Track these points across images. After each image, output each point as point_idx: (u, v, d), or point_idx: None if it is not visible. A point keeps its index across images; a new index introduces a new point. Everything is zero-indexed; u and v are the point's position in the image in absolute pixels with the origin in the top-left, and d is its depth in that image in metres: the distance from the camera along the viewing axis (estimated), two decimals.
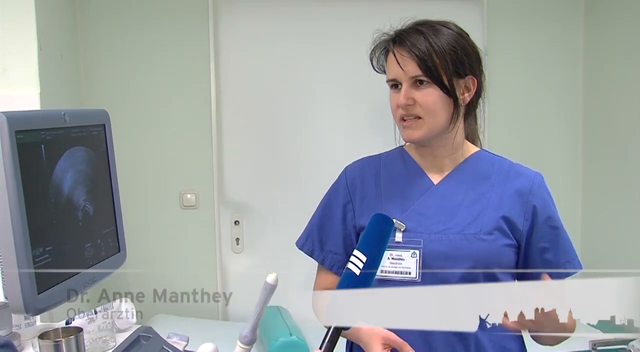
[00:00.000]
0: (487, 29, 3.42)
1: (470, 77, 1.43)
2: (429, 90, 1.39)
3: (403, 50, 1.40)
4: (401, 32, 1.44)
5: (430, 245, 1.41)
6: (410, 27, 1.44)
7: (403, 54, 1.40)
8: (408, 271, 1.41)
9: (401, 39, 1.41)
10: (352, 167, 1.58)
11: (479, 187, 1.46)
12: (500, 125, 3.45)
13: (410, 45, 1.39)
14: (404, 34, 1.42)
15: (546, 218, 1.44)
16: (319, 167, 3.33)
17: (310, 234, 1.57)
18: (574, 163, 3.62)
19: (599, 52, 3.46)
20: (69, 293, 1.17)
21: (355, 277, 0.98)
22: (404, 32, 1.43)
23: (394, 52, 1.42)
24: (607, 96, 3.41)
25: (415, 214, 1.45)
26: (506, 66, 3.47)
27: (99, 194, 1.34)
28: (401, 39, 1.41)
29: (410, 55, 1.39)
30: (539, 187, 1.46)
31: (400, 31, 1.44)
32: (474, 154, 1.52)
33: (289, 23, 3.34)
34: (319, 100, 3.39)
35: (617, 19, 3.32)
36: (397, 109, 1.43)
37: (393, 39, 1.44)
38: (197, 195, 3.33)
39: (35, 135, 1.11)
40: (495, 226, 1.41)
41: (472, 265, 1.38)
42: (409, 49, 1.39)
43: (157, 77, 3.25)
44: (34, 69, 2.35)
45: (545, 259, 1.44)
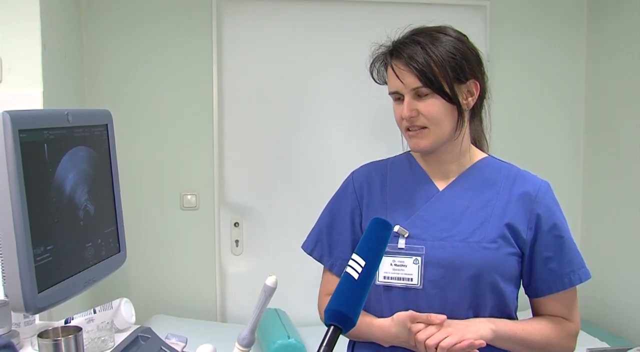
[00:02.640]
0: (490, 35, 3.43)
1: (472, 81, 1.42)
2: (431, 101, 1.38)
3: (401, 63, 1.39)
4: (398, 44, 1.42)
5: (432, 252, 1.41)
6: (407, 38, 1.42)
7: (401, 67, 1.39)
8: (410, 277, 1.41)
9: (398, 52, 1.40)
10: (359, 172, 1.58)
11: (485, 194, 1.46)
12: (502, 129, 3.44)
13: (408, 58, 1.38)
14: (401, 46, 1.41)
15: (551, 227, 1.43)
16: (320, 170, 3.34)
17: (319, 239, 1.57)
18: (575, 166, 3.62)
19: (602, 57, 3.47)
20: (69, 292, 1.18)
21: (354, 281, 0.98)
22: (401, 44, 1.41)
23: (392, 66, 1.41)
24: (609, 100, 3.41)
25: (419, 221, 1.44)
26: (508, 71, 3.47)
27: (100, 193, 1.34)
28: (398, 52, 1.40)
29: (408, 68, 1.38)
30: (545, 195, 1.45)
31: (397, 43, 1.43)
32: (481, 161, 1.51)
33: (292, 24, 3.35)
34: (322, 103, 3.39)
35: (619, 24, 3.32)
36: (402, 120, 1.42)
37: (390, 52, 1.43)
38: (198, 196, 3.33)
39: (38, 135, 1.11)
40: (499, 234, 1.41)
41: (475, 273, 1.38)
42: (406, 62, 1.38)
43: (160, 77, 3.26)
44: (37, 68, 2.35)
45: (550, 269, 1.43)
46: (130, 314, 1.63)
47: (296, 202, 3.33)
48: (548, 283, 1.44)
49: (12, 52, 2.33)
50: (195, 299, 3.35)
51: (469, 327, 1.35)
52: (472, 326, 1.36)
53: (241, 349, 1.28)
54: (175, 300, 3.32)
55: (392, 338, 1.40)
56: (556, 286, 1.43)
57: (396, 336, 1.38)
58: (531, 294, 1.48)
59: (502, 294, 1.42)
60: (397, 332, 1.37)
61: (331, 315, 0.95)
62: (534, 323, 1.45)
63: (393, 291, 1.42)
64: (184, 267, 3.34)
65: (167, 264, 3.33)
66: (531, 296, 1.48)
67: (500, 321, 1.41)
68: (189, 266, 3.35)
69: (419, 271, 1.40)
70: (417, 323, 1.34)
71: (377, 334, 1.43)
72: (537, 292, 1.46)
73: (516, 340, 1.40)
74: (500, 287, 1.41)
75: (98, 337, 1.50)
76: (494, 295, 1.41)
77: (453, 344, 1.29)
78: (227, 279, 3.40)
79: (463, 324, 1.36)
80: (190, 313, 3.29)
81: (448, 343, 1.29)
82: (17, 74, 2.33)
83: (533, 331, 1.42)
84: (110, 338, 1.52)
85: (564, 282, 1.43)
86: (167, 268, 3.33)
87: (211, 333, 2.77)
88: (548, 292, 1.44)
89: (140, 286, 3.29)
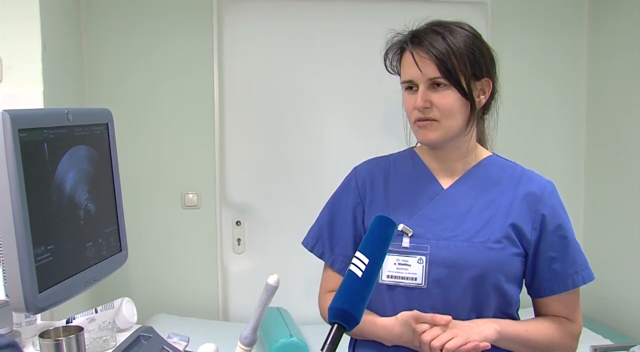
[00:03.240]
0: (492, 32, 3.42)
1: (486, 79, 1.41)
2: (446, 93, 1.36)
3: (421, 50, 1.37)
4: (418, 32, 1.40)
5: (437, 251, 1.40)
6: (427, 27, 1.41)
7: (421, 54, 1.37)
8: (414, 276, 1.40)
9: (419, 39, 1.38)
10: (362, 168, 1.56)
11: (489, 193, 1.44)
12: (503, 127, 3.42)
13: (429, 46, 1.36)
14: (421, 34, 1.39)
15: (555, 227, 1.42)
16: (322, 168, 3.33)
17: (320, 236, 1.55)
18: (577, 164, 3.61)
19: (603, 55, 3.46)
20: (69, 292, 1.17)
21: (358, 279, 0.97)
22: (421, 32, 1.40)
23: (412, 52, 1.38)
24: (611, 98, 3.40)
25: (423, 220, 1.43)
26: (509, 69, 3.42)
27: (101, 193, 1.34)
28: (419, 39, 1.38)
29: (429, 55, 1.36)
30: (550, 195, 1.44)
31: (416, 31, 1.41)
32: (486, 159, 1.50)
33: (294, 23, 3.34)
34: (323, 101, 3.38)
35: (620, 22, 3.31)
36: (413, 111, 1.40)
37: (411, 39, 1.40)
38: (199, 195, 3.33)
39: (38, 134, 1.10)
40: (504, 234, 1.40)
41: (479, 273, 1.37)
42: (427, 50, 1.36)
43: (160, 76, 3.25)
44: (37, 68, 2.35)
45: (553, 269, 1.42)
46: (132, 313, 1.63)
47: (298, 200, 3.33)
48: (551, 284, 1.43)
49: (12, 52, 2.33)
50: (197, 298, 3.35)
51: (474, 328, 1.34)
52: (477, 327, 1.35)
53: (243, 348, 1.27)
54: (177, 299, 3.32)
55: (395, 338, 1.39)
56: (559, 286, 1.43)
57: (399, 336, 1.38)
58: (534, 294, 1.47)
59: (506, 294, 1.41)
60: (401, 332, 1.36)
61: (335, 313, 0.94)
62: (537, 324, 1.44)
63: (396, 290, 1.41)
64: (185, 266, 3.34)
65: (168, 263, 3.32)
66: (534, 296, 1.48)
67: (505, 321, 1.40)
68: (190, 264, 3.34)
69: (424, 270, 1.39)
70: (421, 324, 1.33)
71: (380, 333, 1.42)
72: (540, 292, 1.45)
73: (519, 341, 1.40)
74: (504, 288, 1.40)
75: (100, 336, 1.50)
76: (497, 295, 1.40)
77: (458, 346, 1.29)
78: (229, 277, 3.39)
79: (467, 326, 1.35)
80: (192, 312, 3.28)
81: (453, 345, 1.29)
82: (17, 74, 2.33)
83: (536, 332, 1.42)
84: (112, 338, 1.52)
85: (568, 283, 1.42)
86: (169, 267, 3.33)
87: (213, 332, 2.76)
88: (551, 292, 1.43)
89: (141, 285, 3.28)
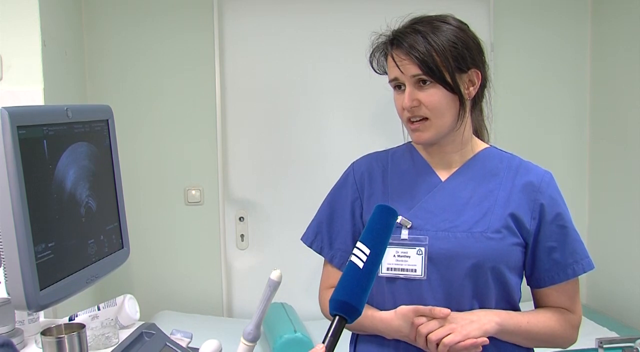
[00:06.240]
0: (494, 25, 3.41)
1: (473, 70, 1.40)
2: (432, 90, 1.37)
3: (402, 53, 1.37)
4: (398, 33, 1.40)
5: (436, 243, 1.39)
6: (408, 27, 1.40)
7: (402, 56, 1.37)
8: (414, 268, 1.39)
9: (399, 42, 1.38)
10: (360, 163, 1.56)
11: (487, 184, 1.44)
12: (506, 121, 3.43)
13: (409, 48, 1.36)
14: (401, 35, 1.39)
15: (554, 217, 1.41)
16: (324, 164, 3.33)
17: (319, 231, 1.55)
18: (581, 158, 3.60)
19: (606, 47, 3.44)
20: (71, 290, 1.17)
21: (359, 270, 0.97)
22: (401, 33, 1.39)
23: (392, 55, 1.39)
24: (615, 91, 3.39)
25: (422, 211, 1.43)
26: (513, 62, 3.45)
27: (102, 190, 1.33)
28: (399, 41, 1.38)
29: (409, 57, 1.36)
30: (548, 185, 1.43)
31: (397, 32, 1.41)
32: (483, 151, 1.50)
33: (294, 19, 3.33)
34: (325, 97, 3.38)
35: (624, 13, 3.29)
36: (403, 111, 1.41)
37: (391, 42, 1.41)
38: (202, 191, 3.33)
39: (38, 131, 1.10)
40: (503, 224, 1.39)
41: (479, 263, 1.37)
42: (407, 52, 1.36)
43: (162, 73, 3.25)
44: (37, 65, 2.34)
45: (553, 259, 1.42)
46: (135, 310, 1.62)
47: (301, 195, 3.32)
48: (551, 273, 1.42)
49: (12, 49, 2.32)
50: (200, 295, 3.35)
51: (474, 322, 1.33)
52: (477, 321, 1.34)
53: (247, 344, 1.27)
54: (180, 296, 3.32)
55: (394, 332, 1.39)
56: (559, 276, 1.42)
57: (398, 330, 1.37)
58: (534, 284, 1.47)
59: (507, 284, 1.41)
60: (399, 325, 1.36)
61: (336, 305, 0.94)
62: (537, 315, 1.44)
63: (397, 282, 1.41)
64: (188, 263, 3.34)
65: (171, 259, 3.32)
66: (534, 286, 1.47)
67: (506, 313, 1.39)
68: (193, 261, 3.35)
69: (423, 261, 1.39)
70: (420, 317, 1.33)
71: (379, 327, 1.41)
72: (540, 282, 1.44)
73: (520, 333, 1.39)
74: (505, 278, 1.40)
75: (102, 333, 1.49)
76: (498, 285, 1.40)
77: (456, 342, 1.28)
78: (232, 273, 3.39)
79: (467, 319, 1.34)
80: (195, 308, 3.29)
81: (451, 341, 1.28)
82: (17, 71, 2.33)
83: (537, 323, 1.41)
84: (115, 335, 1.52)
85: (567, 272, 1.42)
86: (172, 264, 3.33)
87: (217, 328, 2.77)
88: (551, 282, 1.43)
89: (144, 282, 3.29)
